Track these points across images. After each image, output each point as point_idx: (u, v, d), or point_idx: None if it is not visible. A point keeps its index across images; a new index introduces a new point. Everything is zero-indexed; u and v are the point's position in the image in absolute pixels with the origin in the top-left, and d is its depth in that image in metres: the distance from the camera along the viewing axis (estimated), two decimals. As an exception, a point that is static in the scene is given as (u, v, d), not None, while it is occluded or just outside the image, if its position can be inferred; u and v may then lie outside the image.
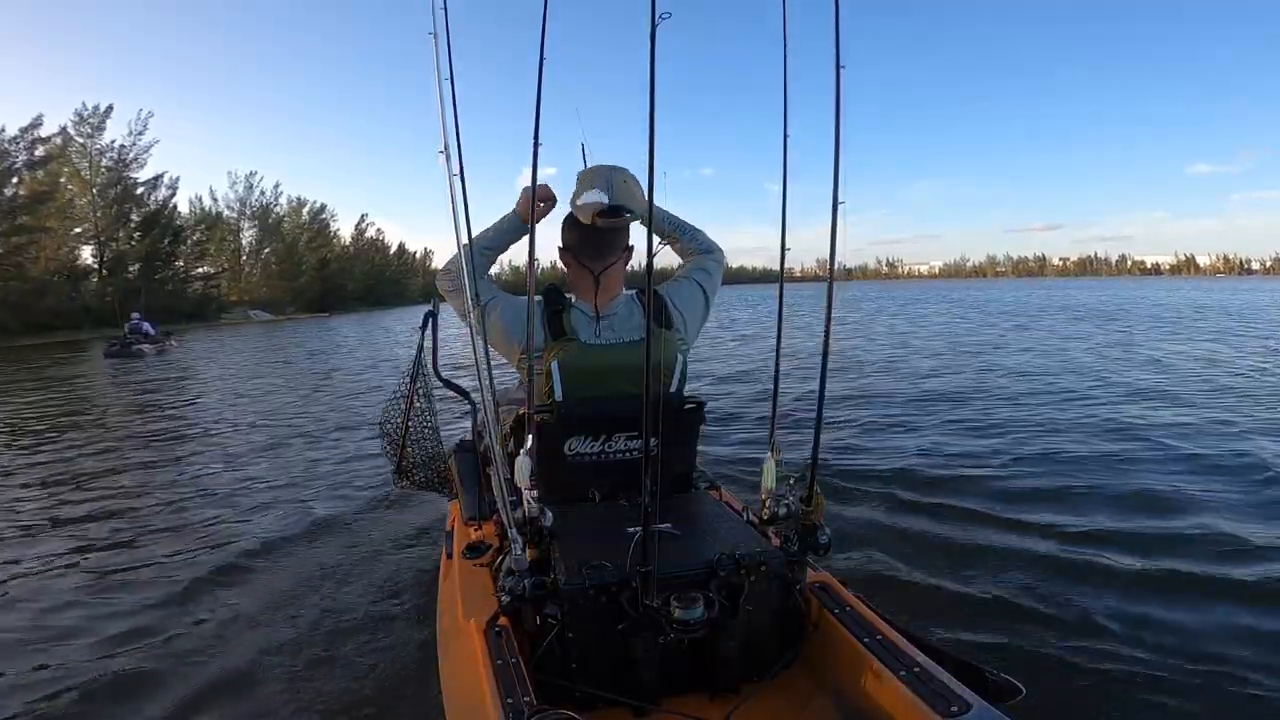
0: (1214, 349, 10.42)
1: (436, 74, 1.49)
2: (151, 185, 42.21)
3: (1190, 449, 4.41)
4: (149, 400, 9.21)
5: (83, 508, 4.05)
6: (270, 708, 1.99)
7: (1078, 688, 1.94)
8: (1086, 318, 18.81)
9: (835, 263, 1.47)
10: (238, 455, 5.38)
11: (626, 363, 1.63)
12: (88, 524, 3.74)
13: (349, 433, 6.05)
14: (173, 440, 6.16)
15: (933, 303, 31.68)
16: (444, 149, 1.44)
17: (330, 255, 60.82)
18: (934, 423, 5.53)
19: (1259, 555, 2.74)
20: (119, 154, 40.11)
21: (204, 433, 6.49)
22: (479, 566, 1.67)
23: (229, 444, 5.88)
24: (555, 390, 1.61)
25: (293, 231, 57.19)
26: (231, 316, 43.39)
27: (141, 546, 3.35)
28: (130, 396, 9.76)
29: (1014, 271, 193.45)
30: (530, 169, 1.55)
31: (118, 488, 4.51)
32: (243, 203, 53.32)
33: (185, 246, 45.01)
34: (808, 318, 9.25)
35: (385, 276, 71.28)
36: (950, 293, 50.06)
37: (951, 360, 9.94)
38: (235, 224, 52.57)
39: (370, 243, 71.04)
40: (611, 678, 1.31)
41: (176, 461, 5.28)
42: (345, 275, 62.42)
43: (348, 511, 3.70)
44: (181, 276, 44.17)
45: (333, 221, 62.93)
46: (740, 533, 1.49)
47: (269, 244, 54.28)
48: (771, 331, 1.98)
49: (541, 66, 1.47)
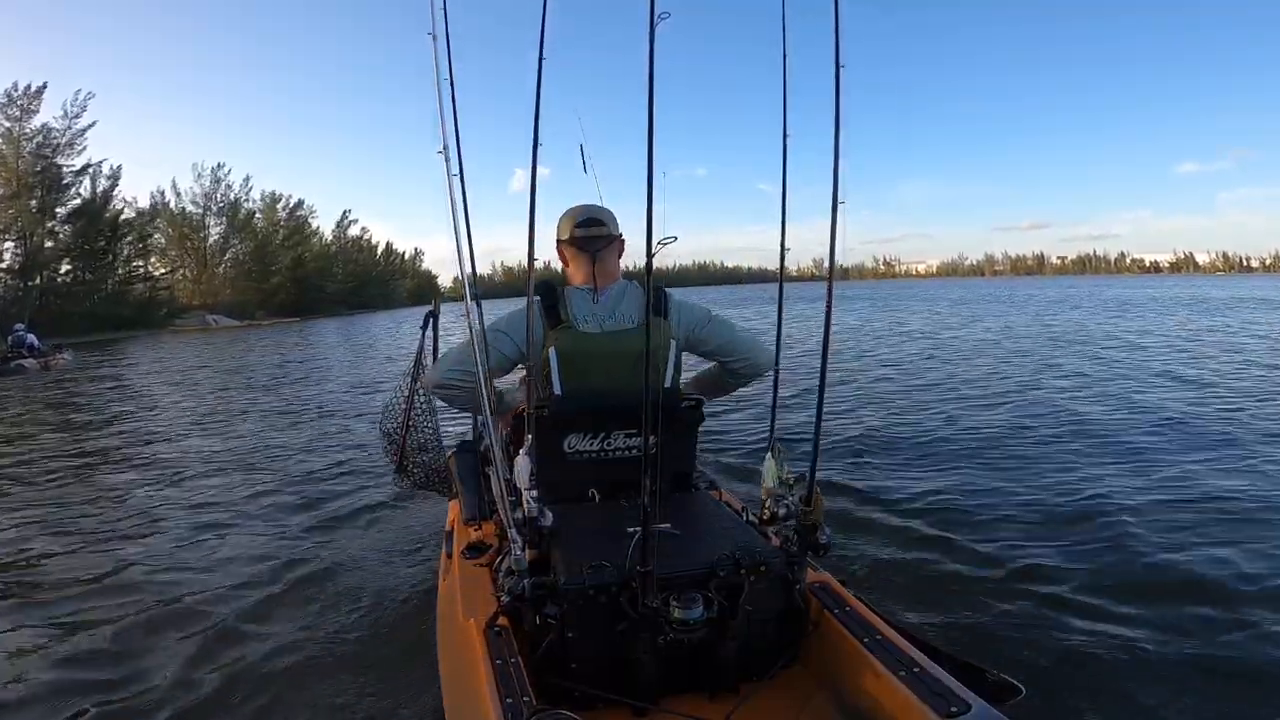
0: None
1: (436, 75, 1.49)
2: (80, 173, 36.04)
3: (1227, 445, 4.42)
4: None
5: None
6: (270, 707, 1.99)
7: (1078, 688, 1.94)
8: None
9: (835, 262, 1.47)
10: (195, 460, 5.37)
11: (621, 348, 1.67)
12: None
13: (348, 448, 6.04)
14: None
15: (985, 302, 29.21)
16: (443, 149, 1.44)
17: (307, 254, 55.21)
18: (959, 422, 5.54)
19: (1260, 557, 2.74)
20: (45, 137, 34.23)
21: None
22: (479, 566, 1.68)
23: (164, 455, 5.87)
24: (553, 376, 1.65)
25: (265, 229, 52.15)
26: (185, 322, 38.56)
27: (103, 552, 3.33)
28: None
29: (1012, 270, 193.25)
30: (525, 170, 1.55)
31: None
32: (208, 197, 47.86)
33: (126, 244, 39.16)
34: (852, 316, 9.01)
35: (372, 278, 66.87)
36: (979, 290, 48.72)
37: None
38: (199, 220, 47.52)
39: (353, 241, 65.84)
40: (611, 678, 1.31)
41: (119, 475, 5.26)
42: (324, 276, 57.44)
43: (347, 512, 3.70)
44: (121, 278, 38.50)
45: (312, 218, 57.78)
46: (740, 533, 1.49)
47: (237, 242, 49.08)
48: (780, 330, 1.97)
49: (541, 67, 1.47)
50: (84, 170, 36.24)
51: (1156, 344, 11.02)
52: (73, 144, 35.46)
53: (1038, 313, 20.29)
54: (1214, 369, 7.95)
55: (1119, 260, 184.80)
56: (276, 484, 4.43)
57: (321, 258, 58.67)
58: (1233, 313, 18.08)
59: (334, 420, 6.84)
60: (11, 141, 33.51)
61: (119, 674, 2.20)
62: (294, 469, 4.83)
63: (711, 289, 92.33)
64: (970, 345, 11.80)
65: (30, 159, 34.01)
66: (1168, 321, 15.75)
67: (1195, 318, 16.70)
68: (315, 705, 1.99)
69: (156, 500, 4.18)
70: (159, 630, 2.48)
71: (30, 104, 34.05)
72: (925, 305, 27.80)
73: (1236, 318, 16.30)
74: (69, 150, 35.45)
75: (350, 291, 60.28)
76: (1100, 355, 9.69)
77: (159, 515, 3.85)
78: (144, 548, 3.33)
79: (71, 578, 2.97)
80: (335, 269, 61.00)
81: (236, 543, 3.31)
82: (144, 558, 3.19)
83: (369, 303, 61.07)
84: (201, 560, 3.11)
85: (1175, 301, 25.14)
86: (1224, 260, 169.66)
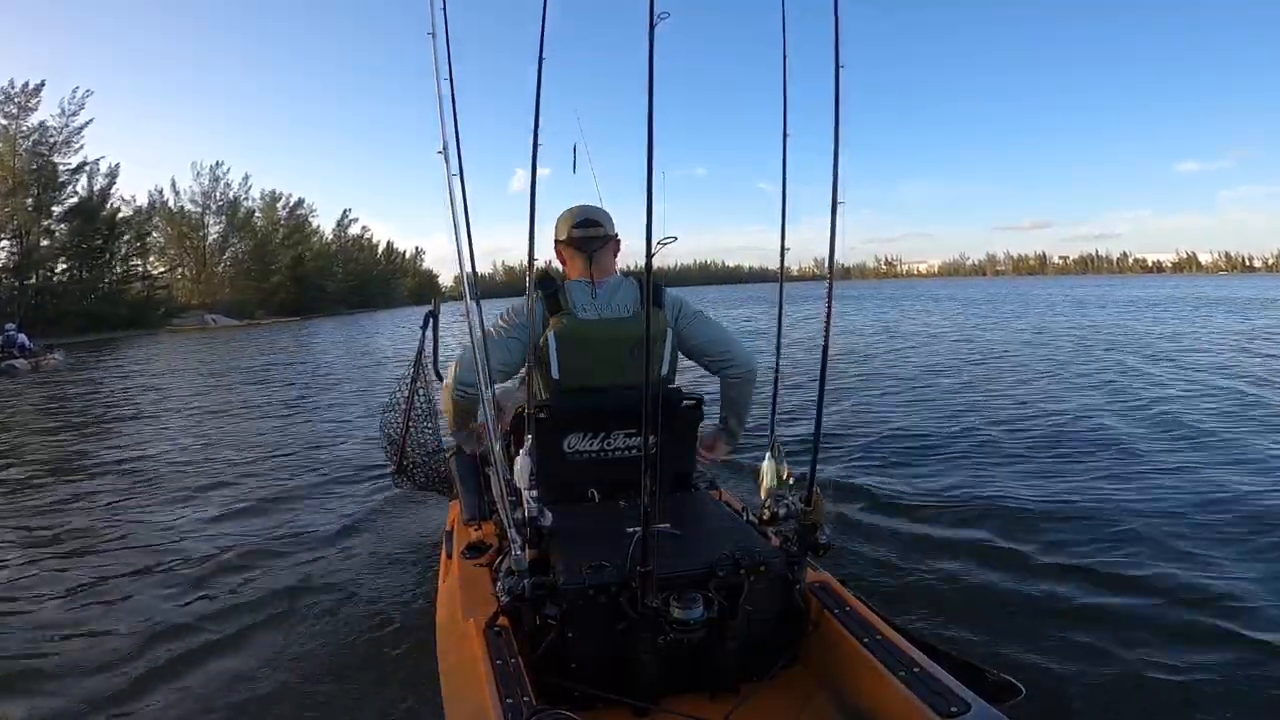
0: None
1: (435, 74, 1.49)
2: (77, 171, 35.74)
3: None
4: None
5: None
6: (270, 708, 1.99)
7: (1078, 688, 1.94)
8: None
9: (835, 262, 1.48)
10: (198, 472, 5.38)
11: (617, 334, 1.73)
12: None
13: (347, 447, 6.05)
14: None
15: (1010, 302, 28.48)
16: (443, 149, 1.44)
17: (307, 253, 55.10)
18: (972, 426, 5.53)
19: (1261, 558, 2.74)
20: (41, 134, 34.00)
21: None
22: (479, 566, 1.68)
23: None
24: (551, 360, 1.70)
25: (265, 228, 52.13)
26: (184, 322, 37.95)
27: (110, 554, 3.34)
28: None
29: (1014, 270, 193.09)
30: (524, 170, 1.56)
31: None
32: (207, 196, 47.62)
33: (123, 243, 38.82)
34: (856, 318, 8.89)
35: (372, 277, 66.83)
36: (989, 290, 47.91)
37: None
38: (198, 219, 47.19)
39: (354, 240, 65.83)
40: (611, 678, 1.31)
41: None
42: (324, 275, 57.26)
43: (346, 512, 3.70)
44: (119, 276, 38.24)
45: (312, 217, 57.74)
46: (740, 533, 1.50)
47: (236, 241, 48.85)
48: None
49: (541, 67, 1.48)
50: (80, 168, 36.01)
51: (1212, 345, 10.62)
52: (69, 142, 35.30)
53: (1071, 313, 19.98)
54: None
55: (1121, 260, 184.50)
56: (274, 484, 4.43)
57: (322, 256, 58.80)
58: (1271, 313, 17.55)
59: (333, 420, 6.85)
60: (8, 139, 33.18)
61: (119, 674, 2.20)
62: (292, 469, 4.82)
63: (713, 288, 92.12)
64: (1008, 345, 11.61)
65: (27, 156, 33.74)
66: (1212, 323, 15.07)
67: (1239, 320, 15.96)
68: (315, 705, 1.99)
69: (148, 502, 4.18)
70: (159, 629, 2.48)
71: (28, 101, 34.00)
72: (939, 306, 27.56)
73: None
74: (65, 148, 35.28)
75: (351, 291, 60.55)
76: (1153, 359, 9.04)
77: (153, 515, 3.85)
78: (136, 540, 3.34)
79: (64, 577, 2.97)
80: (335, 268, 60.99)
81: (234, 544, 3.29)
82: (139, 553, 3.20)
83: (370, 302, 61.20)
84: (198, 562, 3.09)
85: (1201, 302, 24.68)
86: (1226, 260, 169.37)
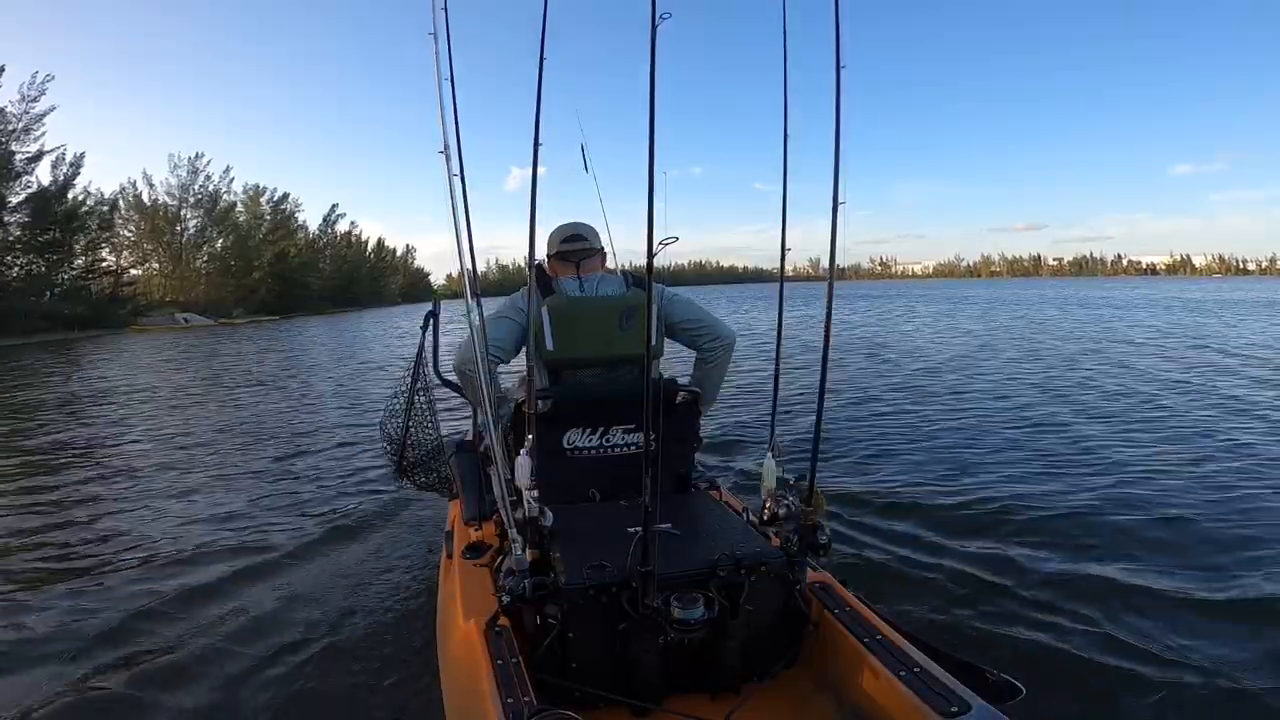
0: None
1: (436, 74, 1.49)
2: (35, 160, 31.77)
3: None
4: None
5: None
6: (269, 708, 1.99)
7: (1078, 688, 1.94)
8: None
9: (835, 262, 1.48)
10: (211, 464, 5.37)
11: (605, 305, 1.87)
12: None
13: (348, 446, 6.05)
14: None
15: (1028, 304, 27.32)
16: (444, 149, 1.44)
17: (291, 249, 52.24)
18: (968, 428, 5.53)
19: (1262, 561, 2.74)
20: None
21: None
22: (479, 567, 1.68)
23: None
24: (545, 332, 1.80)
25: (248, 222, 49.66)
26: (153, 320, 34.87)
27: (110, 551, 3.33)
28: None
29: (1009, 271, 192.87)
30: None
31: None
32: (185, 188, 44.93)
33: (83, 235, 34.96)
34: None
35: (361, 274, 63.92)
36: (992, 291, 47.21)
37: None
38: (174, 212, 44.66)
39: (342, 236, 62.67)
40: (612, 678, 1.31)
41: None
42: (309, 271, 54.22)
43: (347, 512, 3.69)
44: (77, 271, 34.61)
45: (298, 212, 54.85)
46: (740, 533, 1.50)
47: (215, 235, 46.27)
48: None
49: (542, 66, 1.47)
50: (38, 157, 31.97)
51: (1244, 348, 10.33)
52: (29, 129, 31.51)
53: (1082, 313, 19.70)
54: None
55: (1115, 262, 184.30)
56: (274, 484, 4.43)
57: (307, 251, 55.87)
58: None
59: (332, 420, 6.84)
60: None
61: (119, 674, 2.20)
62: (291, 469, 4.82)
63: (713, 288, 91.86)
64: (1021, 345, 11.51)
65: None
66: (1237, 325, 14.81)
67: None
68: (315, 705, 1.99)
69: (142, 503, 4.18)
70: (157, 631, 2.48)
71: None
72: (938, 306, 27.22)
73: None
74: (25, 136, 31.40)
75: (337, 288, 57.65)
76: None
77: (149, 516, 3.85)
78: (133, 544, 3.34)
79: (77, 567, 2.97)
80: (321, 264, 57.96)
81: (232, 545, 3.29)
82: (136, 553, 3.20)
83: (358, 300, 58.58)
84: (194, 565, 3.09)
85: (1215, 304, 24.37)
86: (1220, 263, 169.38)
